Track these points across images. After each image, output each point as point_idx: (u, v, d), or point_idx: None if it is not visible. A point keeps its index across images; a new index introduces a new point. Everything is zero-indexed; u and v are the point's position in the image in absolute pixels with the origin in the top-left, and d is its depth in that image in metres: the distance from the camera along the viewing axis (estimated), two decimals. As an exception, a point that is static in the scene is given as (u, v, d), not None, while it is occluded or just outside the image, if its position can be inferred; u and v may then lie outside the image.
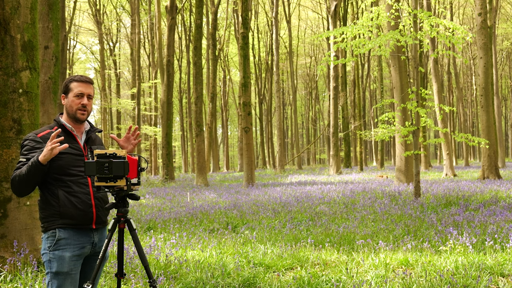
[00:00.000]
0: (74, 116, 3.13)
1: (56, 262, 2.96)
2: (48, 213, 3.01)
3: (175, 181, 23.96)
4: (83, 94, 3.13)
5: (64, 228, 2.99)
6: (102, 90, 38.94)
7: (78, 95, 3.13)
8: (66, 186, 3.00)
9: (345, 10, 35.35)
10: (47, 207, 3.01)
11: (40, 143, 3.01)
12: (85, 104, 3.12)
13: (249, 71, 19.84)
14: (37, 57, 5.69)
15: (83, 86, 3.14)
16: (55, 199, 2.99)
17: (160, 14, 29.09)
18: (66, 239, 2.99)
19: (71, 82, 3.14)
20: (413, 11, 11.94)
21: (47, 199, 3.01)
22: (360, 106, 36.80)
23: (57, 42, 8.92)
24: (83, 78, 3.16)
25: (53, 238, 2.99)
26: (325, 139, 59.98)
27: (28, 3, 5.58)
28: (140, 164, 3.18)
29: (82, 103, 3.11)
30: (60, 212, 2.98)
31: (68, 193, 3.00)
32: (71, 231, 3.01)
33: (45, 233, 3.03)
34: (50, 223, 3.00)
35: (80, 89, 3.13)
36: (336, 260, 5.97)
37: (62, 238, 2.99)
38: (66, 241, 2.99)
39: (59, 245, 2.98)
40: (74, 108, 3.11)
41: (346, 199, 12.46)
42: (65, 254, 2.98)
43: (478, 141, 12.81)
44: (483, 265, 5.27)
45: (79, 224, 3.03)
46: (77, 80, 3.15)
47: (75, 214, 3.00)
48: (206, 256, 6.06)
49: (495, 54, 31.76)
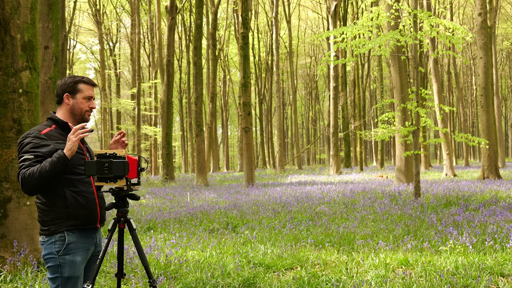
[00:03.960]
0: (82, 117, 3.13)
1: (67, 267, 2.93)
2: (54, 216, 2.94)
3: (175, 181, 23.96)
4: (92, 97, 3.16)
5: (71, 230, 2.95)
6: (102, 90, 38.92)
7: (88, 98, 3.14)
8: (73, 186, 2.97)
9: (345, 10, 35.35)
10: (53, 209, 2.94)
11: (45, 140, 2.94)
12: (93, 107, 3.16)
13: (249, 71, 19.83)
14: (37, 57, 5.69)
15: (92, 90, 3.16)
16: (62, 199, 2.93)
17: (160, 14, 29.09)
18: (75, 242, 2.96)
19: (79, 83, 3.11)
20: (413, 11, 11.94)
21: (52, 201, 2.94)
22: (360, 106, 36.80)
23: (57, 42, 8.92)
24: (92, 82, 3.17)
25: (62, 242, 2.93)
26: (325, 139, 60.00)
27: (28, 3, 5.58)
28: (140, 164, 3.18)
29: (91, 106, 3.15)
30: (69, 213, 2.93)
31: (75, 193, 2.96)
32: (78, 233, 2.98)
33: (51, 236, 2.94)
34: (57, 226, 2.93)
35: (90, 93, 3.15)
36: (336, 260, 5.97)
37: (72, 242, 2.95)
38: (75, 245, 2.96)
39: (69, 249, 2.94)
40: (83, 110, 3.12)
41: (346, 199, 12.46)
42: (76, 259, 2.96)
43: (478, 141, 12.81)
44: (483, 265, 5.27)
45: (85, 224, 3.01)
46: (87, 83, 3.14)
47: (83, 214, 2.98)
48: (206, 256, 6.06)
49: (495, 54, 31.75)
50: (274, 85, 35.01)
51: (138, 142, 33.12)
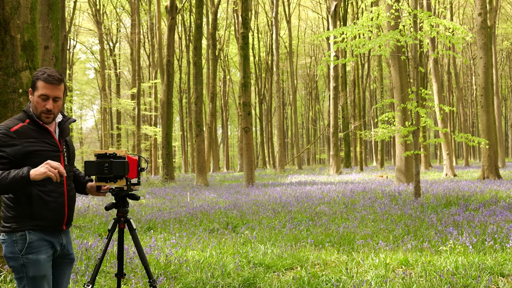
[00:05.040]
0: (39, 118, 2.83)
1: (31, 266, 2.75)
2: (17, 213, 2.77)
3: (175, 181, 23.96)
4: (49, 97, 2.81)
5: (34, 230, 2.78)
6: (102, 90, 38.93)
7: (43, 97, 2.81)
8: (41, 185, 2.77)
9: (345, 10, 35.36)
10: (17, 206, 2.77)
11: (13, 138, 2.73)
12: (50, 109, 2.81)
13: (249, 71, 19.84)
14: (37, 57, 5.69)
15: (48, 88, 2.79)
16: (27, 198, 2.76)
17: (160, 14, 29.10)
18: (38, 241, 2.79)
19: (38, 80, 2.80)
20: (413, 11, 11.94)
21: (18, 197, 2.77)
22: (360, 106, 36.81)
23: (57, 42, 8.93)
24: (50, 79, 2.79)
25: (23, 241, 2.77)
26: (325, 139, 60.00)
27: (28, 3, 5.58)
28: (140, 164, 3.18)
29: (46, 107, 2.80)
30: (32, 213, 2.76)
31: (43, 192, 2.78)
32: (41, 233, 2.81)
33: (11, 234, 2.78)
34: (19, 224, 2.77)
35: (45, 91, 2.79)
36: (336, 260, 5.97)
37: (34, 240, 2.78)
38: (38, 243, 2.79)
39: (32, 247, 2.77)
40: (39, 110, 2.81)
41: (346, 199, 12.46)
42: (40, 257, 2.78)
43: (478, 141, 12.82)
44: (483, 265, 5.27)
45: (49, 226, 2.83)
46: (43, 80, 2.79)
47: (48, 215, 2.81)
48: (206, 256, 6.06)
49: (495, 54, 31.75)
50: (274, 85, 35.01)
51: (138, 142, 33.14)
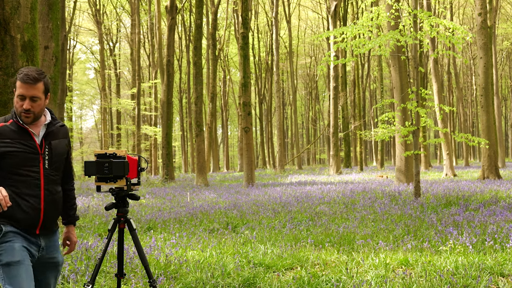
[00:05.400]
0: (19, 118, 2.77)
1: (5, 253, 2.66)
2: None
3: (175, 181, 23.96)
4: (25, 96, 2.74)
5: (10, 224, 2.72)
6: (102, 90, 38.94)
7: (20, 97, 2.76)
8: (15, 187, 2.72)
9: (345, 10, 35.37)
10: None
11: None
12: (27, 109, 2.74)
13: (249, 71, 19.84)
14: (37, 57, 5.70)
15: (24, 88, 2.73)
16: None
17: (160, 14, 29.10)
18: (13, 232, 2.72)
19: (17, 80, 2.75)
20: (413, 11, 11.94)
21: None
22: (360, 106, 36.81)
23: (57, 42, 8.93)
24: (25, 78, 2.72)
25: None
26: (325, 139, 60.01)
27: (28, 3, 5.58)
28: (140, 164, 3.19)
29: (23, 106, 2.74)
30: (5, 213, 2.68)
31: (16, 194, 2.71)
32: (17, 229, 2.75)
33: None
34: None
35: (21, 91, 2.74)
36: (336, 260, 5.97)
37: (10, 231, 2.71)
38: (14, 234, 2.71)
39: (8, 236, 2.70)
40: (18, 110, 2.77)
41: (346, 199, 12.46)
42: (14, 245, 2.69)
43: (478, 141, 12.82)
44: (483, 265, 5.27)
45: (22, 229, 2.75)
46: (19, 80, 2.74)
47: (20, 217, 2.73)
48: (206, 256, 6.06)
49: (495, 54, 31.76)
50: (274, 85, 35.02)
51: (138, 142, 33.16)
